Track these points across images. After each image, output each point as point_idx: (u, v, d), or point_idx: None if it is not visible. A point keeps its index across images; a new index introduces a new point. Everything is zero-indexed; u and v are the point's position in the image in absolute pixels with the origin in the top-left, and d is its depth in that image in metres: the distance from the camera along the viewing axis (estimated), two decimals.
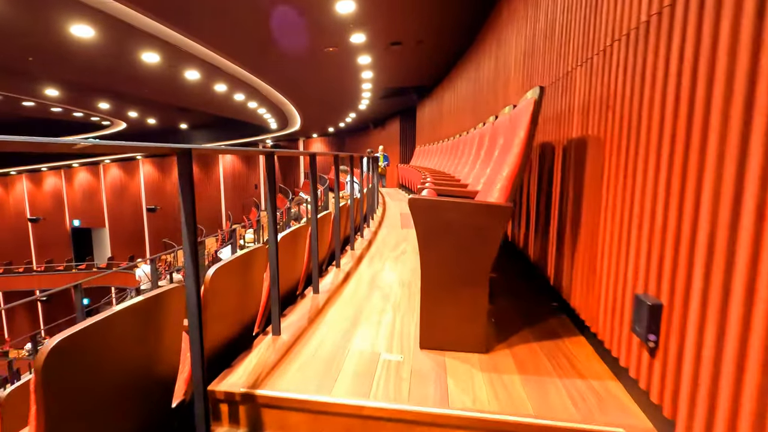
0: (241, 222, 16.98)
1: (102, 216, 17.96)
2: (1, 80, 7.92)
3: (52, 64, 6.50)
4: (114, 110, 11.29)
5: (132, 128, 14.27)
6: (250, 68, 6.84)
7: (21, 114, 11.15)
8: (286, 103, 9.85)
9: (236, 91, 8.51)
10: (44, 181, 17.76)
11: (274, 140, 17.52)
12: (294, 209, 8.53)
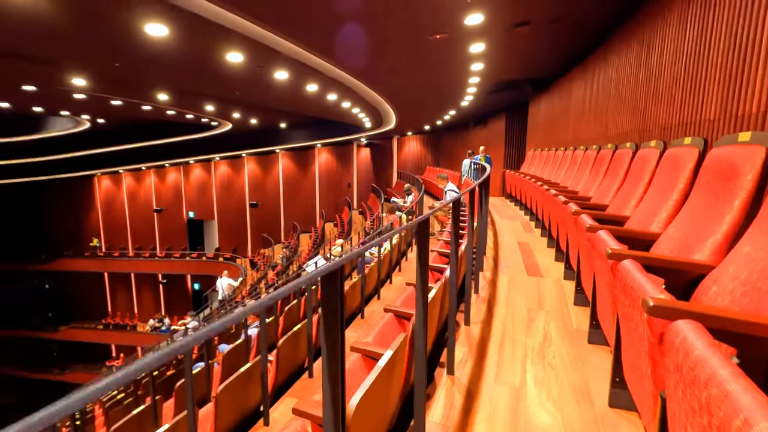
0: (333, 220, 16.93)
1: (212, 209, 19.33)
2: (121, 89, 8.38)
3: (159, 73, 6.59)
4: (219, 112, 11.64)
5: (237, 128, 14.85)
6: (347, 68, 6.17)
7: (142, 117, 12.07)
8: (382, 102, 9.08)
9: (329, 92, 7.96)
10: (167, 176, 19.64)
11: (368, 139, 17.09)
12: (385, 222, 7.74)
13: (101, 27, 4.25)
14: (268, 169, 18.45)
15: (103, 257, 19.53)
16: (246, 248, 18.85)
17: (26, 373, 19.72)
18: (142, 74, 6.62)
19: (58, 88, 8.05)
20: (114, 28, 4.14)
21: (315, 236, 15.68)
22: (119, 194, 20.31)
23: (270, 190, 18.51)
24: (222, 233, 19.47)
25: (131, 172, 19.94)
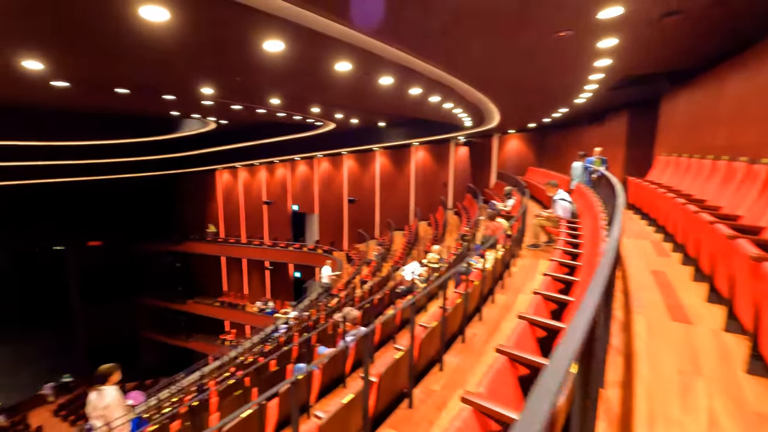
0: (427, 220, 16.76)
1: (313, 203, 20.49)
2: (241, 96, 9.18)
3: (273, 82, 7.06)
4: (324, 113, 12.16)
5: (339, 127, 15.44)
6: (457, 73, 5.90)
7: (256, 118, 13.18)
8: (486, 101, 8.60)
9: (432, 94, 7.74)
10: (276, 171, 21.30)
11: (467, 137, 16.52)
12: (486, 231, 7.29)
13: (229, 50, 4.62)
14: (366, 167, 18.93)
15: (221, 243, 21.96)
16: (342, 242, 19.65)
17: (161, 337, 23.15)
18: (258, 84, 7.15)
19: (192, 97, 9.10)
20: (240, 50, 4.46)
21: (408, 235, 15.69)
22: (236, 187, 22.60)
23: (367, 187, 18.99)
24: (322, 226, 20.56)
25: (246, 167, 22.03)
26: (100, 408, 4.14)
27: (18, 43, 4.70)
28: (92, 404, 4.17)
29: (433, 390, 3.19)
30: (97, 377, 4.25)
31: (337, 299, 11.26)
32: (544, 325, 2.90)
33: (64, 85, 7.77)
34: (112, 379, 4.27)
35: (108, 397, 4.16)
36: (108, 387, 4.25)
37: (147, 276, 23.13)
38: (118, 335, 22.82)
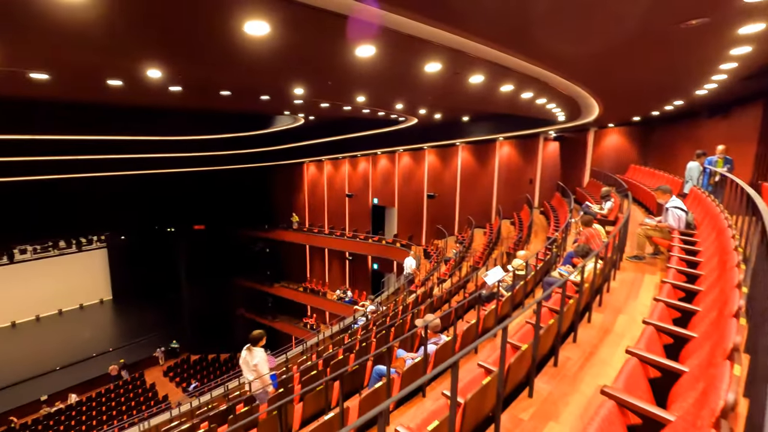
0: (510, 218, 16.01)
1: (393, 197, 20.69)
2: (329, 95, 9.49)
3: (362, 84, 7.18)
4: (407, 109, 12.12)
5: (422, 123, 15.32)
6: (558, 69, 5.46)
7: (342, 114, 13.57)
8: (586, 96, 7.86)
9: (524, 90, 7.27)
10: (358, 165, 21.86)
11: (558, 131, 15.37)
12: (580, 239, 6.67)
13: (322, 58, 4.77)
14: (447, 162, 18.59)
15: (306, 232, 23.22)
16: (421, 237, 19.60)
17: (251, 315, 25.26)
18: (347, 86, 7.31)
19: (284, 97, 9.62)
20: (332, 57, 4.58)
21: (490, 234, 15.13)
22: (321, 179, 23.65)
23: (447, 183, 18.66)
24: (401, 220, 20.70)
25: (331, 160, 22.91)
26: (251, 364, 5.53)
27: (145, 56, 5.30)
28: (245, 360, 5.59)
29: (521, 419, 3.00)
30: (250, 339, 5.61)
31: (415, 296, 11.26)
32: (658, 365, 2.55)
33: (178, 89, 8.66)
34: (261, 342, 5.64)
35: (257, 356, 5.51)
36: (257, 348, 5.58)
37: (241, 259, 25.31)
38: (216, 310, 25.38)
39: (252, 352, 5.56)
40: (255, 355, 5.53)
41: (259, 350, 5.59)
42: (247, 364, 5.58)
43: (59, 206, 20.29)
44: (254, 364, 5.54)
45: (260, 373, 5.61)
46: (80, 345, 23.63)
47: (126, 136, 17.45)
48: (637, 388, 2.37)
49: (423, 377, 2.23)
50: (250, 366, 5.57)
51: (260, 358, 5.55)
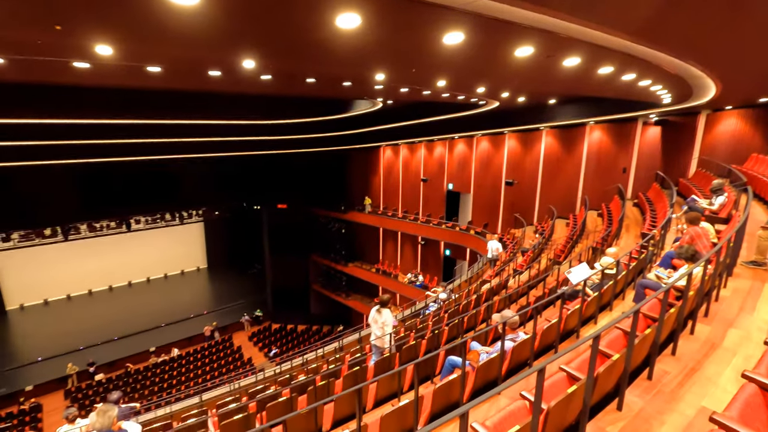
0: (598, 210, 14.84)
1: (469, 183, 20.20)
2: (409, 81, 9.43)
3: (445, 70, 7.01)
4: (489, 93, 11.64)
5: (503, 106, 14.64)
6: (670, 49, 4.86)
7: (421, 99, 13.42)
8: (700, 75, 6.89)
9: (626, 72, 6.56)
10: (434, 149, 21.60)
11: (660, 115, 13.75)
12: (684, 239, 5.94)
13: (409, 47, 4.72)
14: (529, 147, 17.62)
15: (380, 215, 23.65)
16: (496, 225, 18.99)
17: (326, 292, 26.59)
18: (430, 72, 7.18)
19: (366, 83, 9.74)
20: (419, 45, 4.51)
21: (573, 225, 14.18)
22: (396, 163, 23.80)
23: (528, 169, 17.73)
24: (476, 207, 20.19)
25: (407, 144, 22.91)
26: (380, 322, 6.65)
27: (244, 50, 5.67)
28: (374, 318, 6.73)
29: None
30: (380, 302, 6.75)
31: (489, 285, 11.01)
32: None
33: (268, 77, 9.17)
34: (389, 304, 6.76)
35: (386, 316, 6.61)
36: (386, 309, 6.66)
37: (318, 238, 26.61)
38: (294, 284, 27.13)
39: (381, 313, 6.63)
40: (384, 315, 6.60)
41: (387, 311, 6.65)
42: (376, 322, 6.68)
43: (166, 184, 22.88)
44: (382, 321, 6.62)
45: (385, 331, 6.65)
46: (181, 306, 26.80)
47: (220, 121, 19.00)
48: (756, 420, 2.10)
49: (512, 379, 2.18)
50: (378, 324, 6.66)
51: (388, 318, 6.61)
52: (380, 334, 6.74)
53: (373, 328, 6.82)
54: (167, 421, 7.46)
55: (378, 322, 6.70)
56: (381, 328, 6.70)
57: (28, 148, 15.69)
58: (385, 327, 6.67)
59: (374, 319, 6.74)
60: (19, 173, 18.00)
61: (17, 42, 5.13)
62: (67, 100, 14.18)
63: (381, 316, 6.67)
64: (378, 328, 6.73)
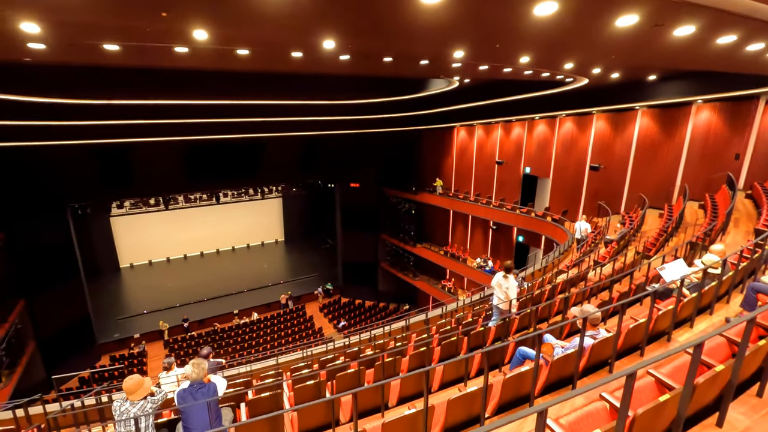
0: (700, 200, 13.21)
1: (548, 167, 19.02)
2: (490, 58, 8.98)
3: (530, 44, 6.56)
4: (577, 69, 10.71)
5: (593, 83, 13.44)
6: None
7: (500, 77, 12.73)
8: None
9: (753, 41, 5.60)
10: (512, 130, 20.57)
11: None
12: None
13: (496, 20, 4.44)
14: (620, 129, 16.04)
15: (451, 197, 23.27)
16: (576, 213, 17.73)
17: (393, 270, 27.04)
18: (515, 47, 6.75)
19: (444, 60, 9.46)
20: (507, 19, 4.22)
21: (668, 216, 12.79)
22: (470, 144, 23.09)
23: (617, 153, 16.20)
24: (554, 193, 19.02)
25: (483, 125, 22.06)
26: (504, 286, 7.09)
27: (327, 31, 5.77)
28: (498, 282, 7.17)
29: None
30: (506, 268, 7.18)
31: (565, 276, 10.39)
32: None
33: (346, 57, 9.27)
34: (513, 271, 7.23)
35: (511, 281, 7.08)
36: (510, 275, 7.12)
37: (388, 217, 26.96)
38: (363, 261, 27.92)
39: (507, 279, 7.07)
40: (509, 281, 7.06)
41: (512, 277, 7.11)
42: (500, 286, 7.14)
43: (251, 161, 24.52)
44: (506, 287, 7.04)
45: (509, 296, 7.07)
46: (260, 274, 28.99)
47: (300, 101, 19.75)
48: None
49: (601, 379, 2.03)
50: (503, 288, 7.11)
51: (513, 283, 7.07)
52: (504, 298, 7.12)
53: (497, 292, 7.24)
54: (247, 378, 8.19)
55: (503, 287, 7.10)
56: (505, 293, 7.08)
57: (139, 126, 17.67)
58: (509, 291, 7.04)
59: (499, 283, 7.15)
60: (133, 149, 20.41)
61: (130, 30, 5.70)
62: (171, 82, 15.63)
63: (507, 282, 7.07)
64: (502, 292, 7.14)
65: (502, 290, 7.16)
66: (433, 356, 6.57)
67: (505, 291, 7.11)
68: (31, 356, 17.73)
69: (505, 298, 7.13)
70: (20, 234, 18.09)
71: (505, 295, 7.13)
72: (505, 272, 7.15)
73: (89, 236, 25.94)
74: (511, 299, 7.10)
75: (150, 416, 4.12)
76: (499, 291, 7.21)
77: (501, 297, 7.21)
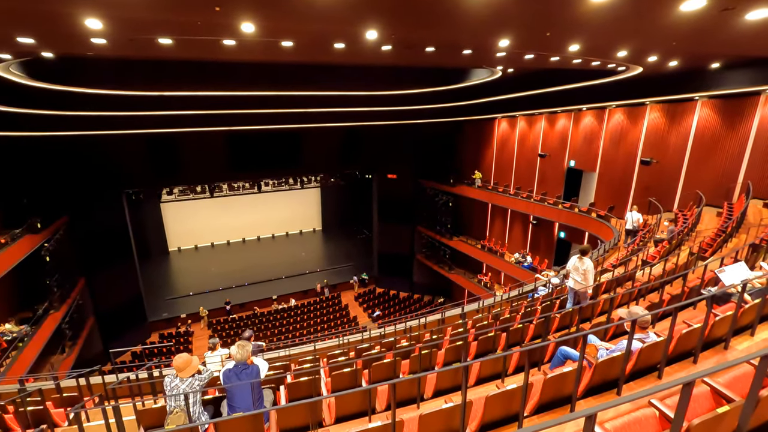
0: (765, 198, 12.22)
1: (595, 160, 18.19)
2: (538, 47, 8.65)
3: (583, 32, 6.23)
4: (632, 57, 10.11)
5: (648, 72, 12.66)
6: None
7: (546, 66, 12.24)
8: None
9: None
10: (557, 122, 19.79)
11: None
12: None
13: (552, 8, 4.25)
14: (676, 121, 15.03)
15: (490, 190, 22.79)
16: (624, 210, 16.89)
17: (428, 263, 26.94)
18: (567, 35, 6.45)
19: (488, 50, 9.20)
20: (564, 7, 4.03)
21: (728, 215, 11.93)
22: (512, 136, 22.45)
23: (672, 147, 15.22)
24: (600, 188, 18.19)
25: (526, 116, 21.36)
26: (581, 270, 7.17)
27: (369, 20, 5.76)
28: (575, 266, 7.27)
29: None
30: (581, 251, 7.27)
31: (609, 276, 9.96)
32: None
33: (388, 48, 9.22)
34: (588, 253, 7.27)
35: (587, 264, 7.13)
36: (587, 258, 7.18)
37: (424, 209, 26.81)
38: (399, 252, 27.99)
39: (583, 262, 7.15)
40: (586, 263, 7.15)
41: (588, 260, 7.18)
42: (577, 269, 7.25)
43: (291, 152, 25.07)
44: (584, 269, 7.14)
45: (587, 279, 7.21)
46: (299, 262, 29.77)
47: (340, 92, 19.88)
48: None
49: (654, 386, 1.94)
50: (580, 271, 7.20)
51: (590, 266, 7.14)
52: (581, 280, 7.23)
53: (573, 275, 7.35)
54: (286, 362, 8.48)
55: (579, 270, 7.18)
56: (582, 275, 7.18)
57: (187, 117, 18.49)
58: (588, 274, 7.13)
59: (575, 266, 7.26)
60: (181, 138, 21.44)
61: (183, 24, 5.94)
62: (218, 74, 16.20)
63: (583, 264, 7.13)
64: (579, 274, 7.23)
65: (579, 273, 7.24)
66: (470, 350, 6.52)
67: (583, 273, 7.19)
68: (90, 330, 19.21)
69: (583, 280, 7.22)
70: (81, 217, 19.53)
71: (582, 277, 7.21)
72: (581, 254, 7.23)
73: (142, 221, 27.61)
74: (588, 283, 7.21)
75: (197, 393, 4.36)
76: (576, 273, 7.29)
77: (578, 279, 7.29)
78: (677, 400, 2.74)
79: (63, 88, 13.53)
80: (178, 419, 4.20)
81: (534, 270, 19.40)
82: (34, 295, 15.73)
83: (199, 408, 4.38)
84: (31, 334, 13.40)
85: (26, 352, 12.63)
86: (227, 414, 4.44)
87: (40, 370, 14.40)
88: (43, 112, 14.90)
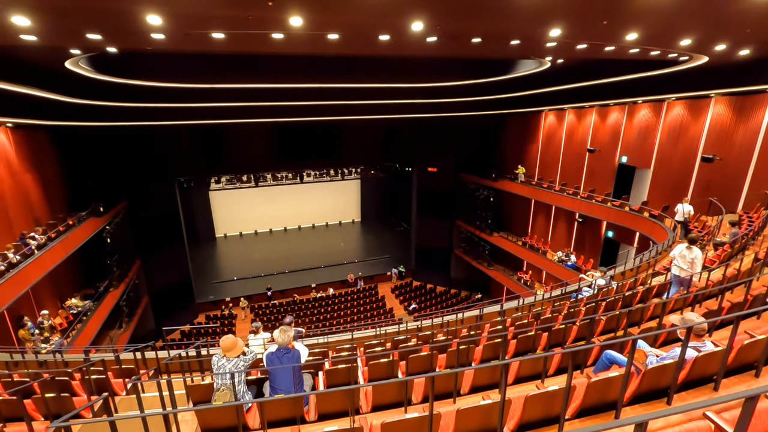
0: None
1: (650, 156, 17.16)
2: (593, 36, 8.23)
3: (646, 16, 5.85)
4: (697, 45, 9.40)
5: (714, 61, 11.72)
6: None
7: (600, 56, 11.61)
8: None
9: None
10: (608, 115, 18.81)
11: None
12: None
13: None
14: (745, 115, 13.84)
15: (533, 186, 22.08)
16: None
17: (467, 258, 26.59)
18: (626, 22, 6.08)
19: (537, 40, 8.86)
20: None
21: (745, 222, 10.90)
22: (559, 130, 21.58)
23: (738, 143, 14.05)
24: (655, 186, 17.15)
25: (575, 109, 20.45)
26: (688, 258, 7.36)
27: (416, 11, 5.71)
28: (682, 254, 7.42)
29: None
30: (690, 240, 7.39)
31: (661, 279, 9.40)
32: None
33: (433, 39, 9.09)
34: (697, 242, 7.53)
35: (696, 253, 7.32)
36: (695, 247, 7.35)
37: (464, 203, 26.42)
38: (437, 246, 27.82)
39: (692, 250, 7.33)
40: (694, 252, 7.32)
41: (696, 249, 7.33)
42: (684, 257, 7.40)
43: (333, 143, 25.49)
44: (692, 258, 7.29)
45: (695, 267, 7.36)
46: (337, 252, 30.31)
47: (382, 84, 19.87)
48: None
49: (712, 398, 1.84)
50: (687, 259, 7.34)
51: (698, 255, 7.31)
52: (687, 268, 7.38)
53: (679, 262, 7.52)
54: (324, 349, 8.70)
55: (687, 258, 7.35)
56: (690, 263, 7.32)
57: (235, 108, 19.21)
58: (696, 261, 7.25)
59: (682, 254, 7.44)
60: (229, 129, 22.34)
61: (234, 18, 6.15)
62: (264, 67, 16.66)
63: (691, 253, 7.27)
64: (685, 262, 7.39)
65: (686, 261, 7.36)
66: (509, 349, 6.41)
67: (690, 261, 7.33)
68: (144, 308, 20.59)
69: (689, 268, 7.33)
70: (139, 202, 20.89)
71: (689, 265, 7.33)
72: (690, 243, 7.34)
73: (192, 208, 29.10)
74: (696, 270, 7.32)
75: (242, 373, 4.58)
76: (682, 261, 7.44)
77: (683, 267, 7.43)
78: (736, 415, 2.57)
79: (124, 81, 14.42)
80: (225, 396, 4.43)
81: (578, 270, 18.67)
82: (96, 274, 17.05)
83: (244, 387, 4.60)
84: (93, 309, 14.58)
85: (89, 326, 13.75)
86: (269, 395, 4.64)
87: (100, 343, 15.63)
88: (106, 104, 15.98)
